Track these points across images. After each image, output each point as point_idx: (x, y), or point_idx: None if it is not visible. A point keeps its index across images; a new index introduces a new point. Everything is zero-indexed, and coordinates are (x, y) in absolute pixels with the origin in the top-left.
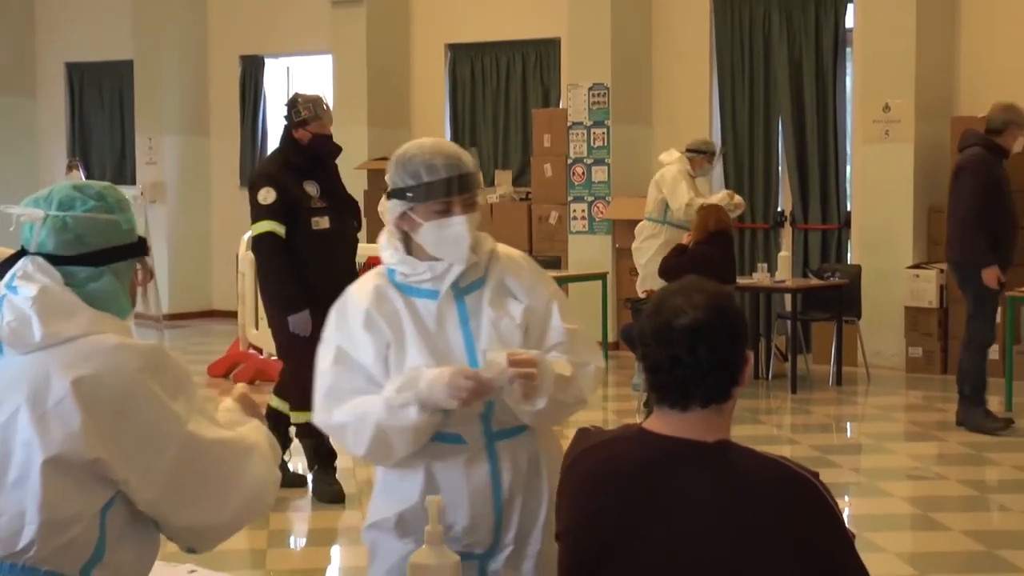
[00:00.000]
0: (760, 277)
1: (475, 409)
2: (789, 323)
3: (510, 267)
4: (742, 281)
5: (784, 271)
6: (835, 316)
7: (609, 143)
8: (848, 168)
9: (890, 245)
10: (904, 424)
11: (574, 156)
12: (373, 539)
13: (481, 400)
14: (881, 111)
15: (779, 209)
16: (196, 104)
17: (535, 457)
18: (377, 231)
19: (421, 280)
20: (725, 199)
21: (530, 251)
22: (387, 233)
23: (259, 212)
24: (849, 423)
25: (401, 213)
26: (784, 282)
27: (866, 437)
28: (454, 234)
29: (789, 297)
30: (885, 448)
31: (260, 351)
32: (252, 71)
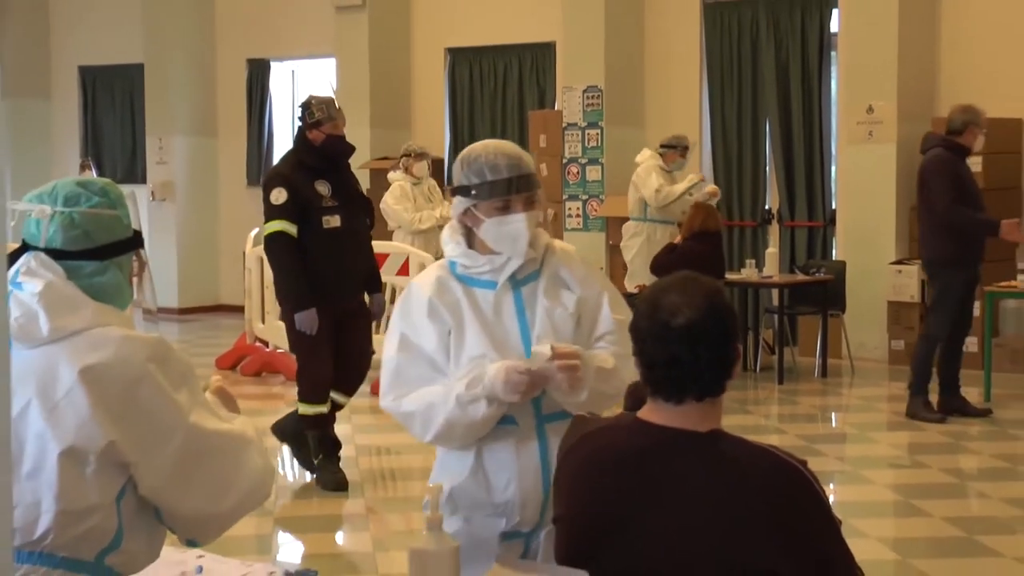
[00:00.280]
0: (748, 273)
1: (533, 396)
2: (776, 317)
3: (564, 260)
4: (731, 277)
5: (771, 267)
6: (820, 310)
7: (603, 143)
8: (833, 168)
9: (873, 242)
10: (887, 414)
11: (569, 156)
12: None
13: (536, 391)
14: (865, 113)
15: (766, 207)
16: (204, 106)
17: None
18: (380, 228)
19: (481, 272)
20: (694, 180)
21: None
22: (451, 228)
23: (271, 212)
24: (834, 413)
25: (465, 209)
26: (771, 278)
27: (850, 427)
28: (513, 231)
29: (776, 292)
30: (868, 437)
31: (266, 344)
32: (258, 74)
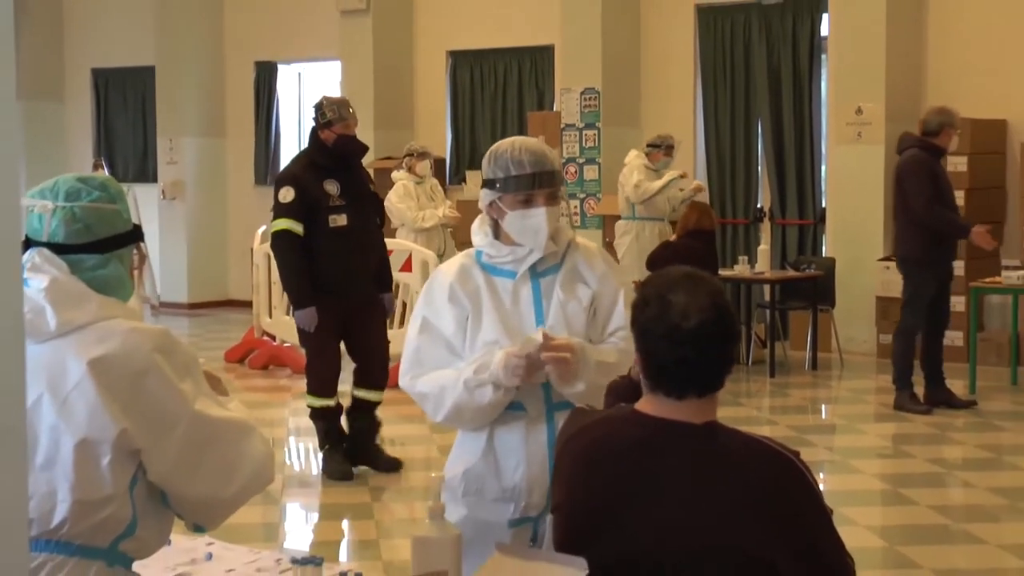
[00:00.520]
0: (741, 269)
1: (537, 381)
2: (768, 312)
3: (585, 256)
4: (724, 273)
5: (763, 263)
6: (811, 305)
7: (600, 144)
8: (823, 167)
9: (862, 239)
10: (875, 406)
11: (567, 156)
12: (446, 499)
13: (536, 374)
14: (854, 114)
15: (758, 205)
16: (213, 107)
17: None
18: (384, 226)
19: (504, 262)
20: (673, 175)
21: None
22: (480, 219)
23: (278, 210)
24: (824, 405)
25: (490, 202)
26: (763, 274)
27: (839, 418)
28: (534, 224)
29: (768, 288)
30: (857, 428)
31: (273, 338)
32: (266, 76)
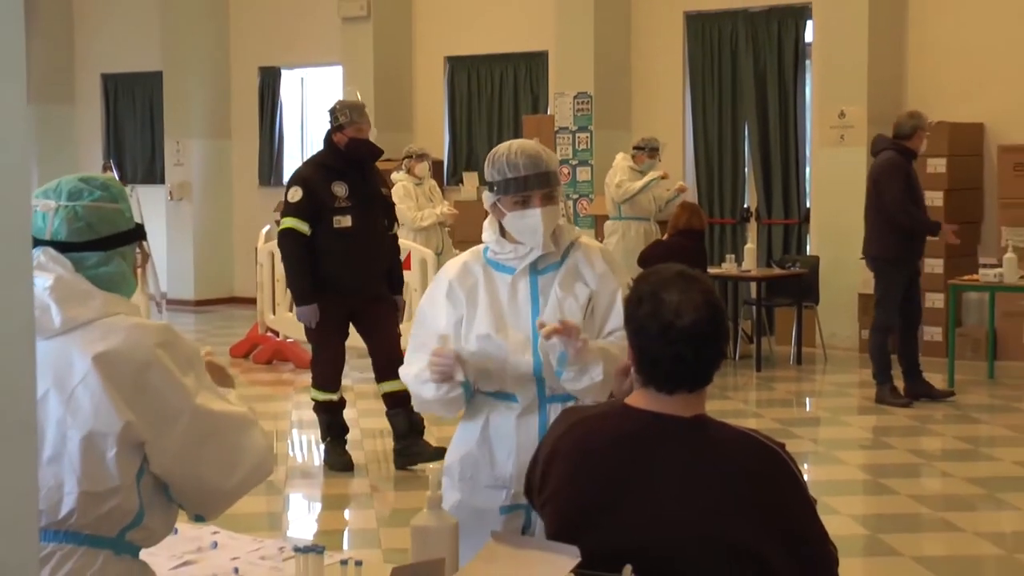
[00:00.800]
0: (728, 267)
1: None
2: (754, 308)
3: (586, 256)
4: (712, 271)
5: (750, 262)
6: (795, 302)
7: (592, 146)
8: (807, 169)
9: (845, 238)
10: (857, 399)
11: (561, 158)
12: (444, 484)
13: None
14: (837, 117)
15: (745, 206)
16: (219, 111)
17: None
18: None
19: (507, 258)
20: (654, 176)
21: None
22: (489, 218)
23: (286, 209)
24: (808, 398)
25: (492, 203)
26: (750, 271)
27: (823, 411)
28: (531, 224)
29: (754, 285)
30: (840, 421)
31: (277, 334)
32: (270, 81)
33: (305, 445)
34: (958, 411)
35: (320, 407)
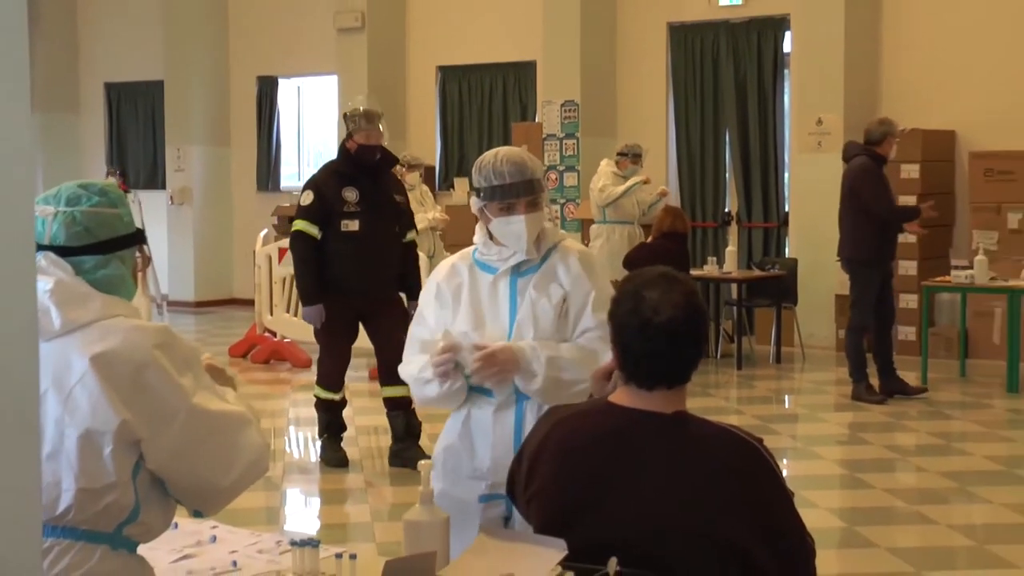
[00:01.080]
0: (710, 269)
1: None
2: (735, 309)
3: (564, 259)
4: (694, 272)
5: (731, 264)
6: (775, 303)
7: (579, 152)
8: (786, 174)
9: (823, 241)
10: (834, 396)
11: (548, 164)
12: (431, 475)
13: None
14: (814, 125)
15: (726, 210)
16: (219, 119)
17: None
18: None
19: (492, 260)
20: (636, 180)
21: None
22: (479, 222)
23: (298, 212)
24: (787, 395)
25: (479, 208)
26: (731, 273)
27: (802, 408)
28: (515, 229)
29: (735, 286)
30: (818, 417)
31: (274, 334)
32: (267, 90)
33: (302, 442)
34: (931, 408)
35: (321, 404)
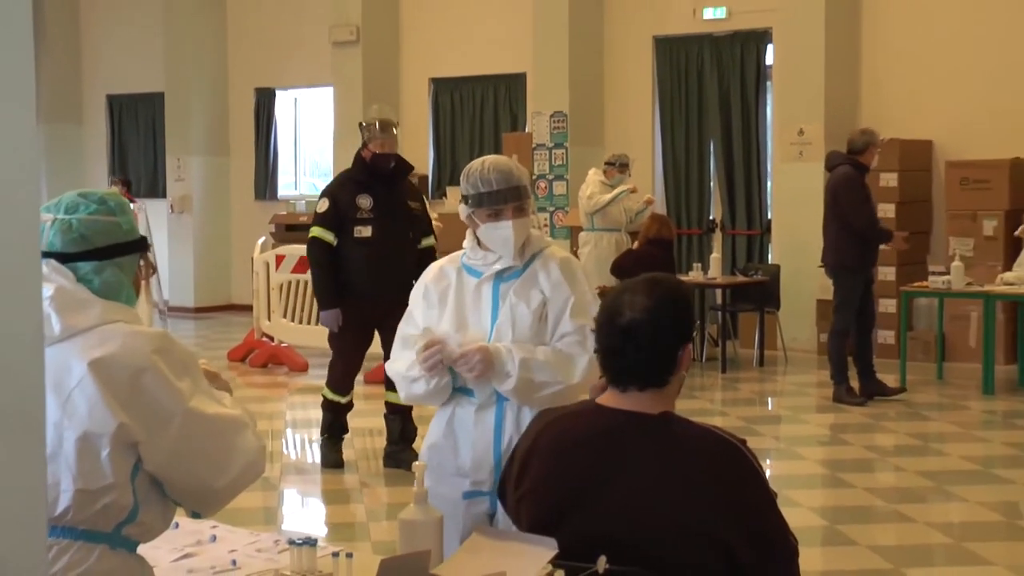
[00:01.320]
0: (695, 275)
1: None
2: (719, 314)
3: (545, 264)
4: (680, 278)
5: (715, 270)
6: (758, 308)
7: (567, 162)
8: (769, 183)
9: (804, 248)
10: (816, 398)
11: (538, 173)
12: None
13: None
14: (796, 135)
15: (711, 217)
16: (218, 129)
17: None
18: None
19: (477, 264)
20: (623, 189)
21: None
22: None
23: (314, 218)
24: (770, 398)
25: (467, 215)
26: (715, 279)
27: (784, 409)
28: (502, 235)
29: (719, 292)
30: (800, 419)
31: (272, 339)
32: (265, 101)
33: (299, 444)
34: (909, 409)
35: (327, 405)
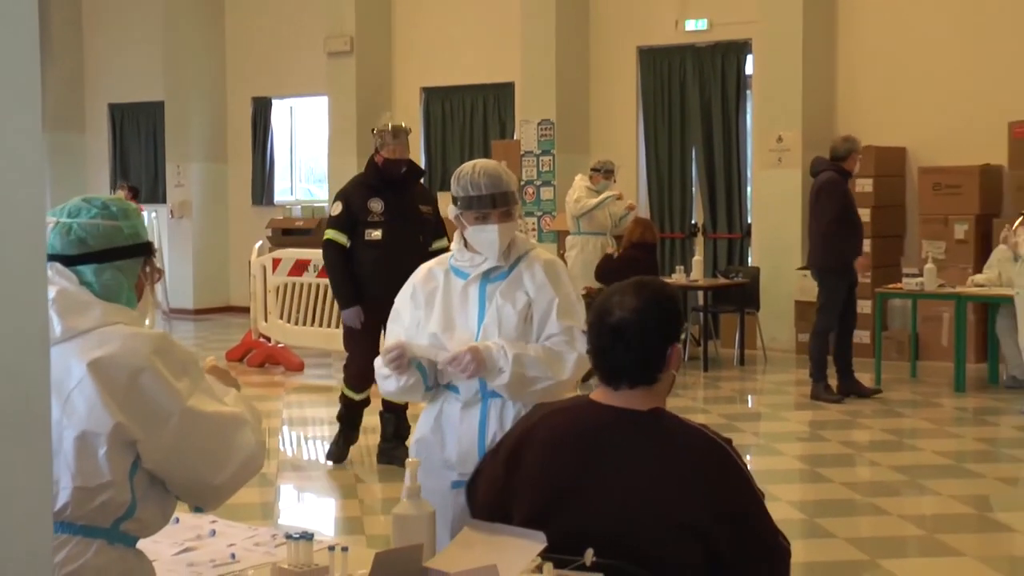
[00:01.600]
0: (678, 277)
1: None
2: (701, 315)
3: (531, 268)
4: (664, 280)
5: (697, 272)
6: (738, 309)
7: (555, 168)
8: (749, 188)
9: (783, 251)
10: (795, 396)
11: (526, 179)
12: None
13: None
14: (775, 142)
15: (693, 221)
16: (216, 137)
17: (520, 415)
18: None
19: (464, 265)
20: (608, 195)
21: None
22: (457, 230)
23: (328, 221)
24: (750, 396)
25: (455, 216)
26: (697, 281)
27: (764, 407)
28: (488, 238)
29: (701, 293)
30: (779, 416)
31: (268, 340)
32: (262, 110)
33: (295, 441)
34: (884, 406)
35: (344, 399)
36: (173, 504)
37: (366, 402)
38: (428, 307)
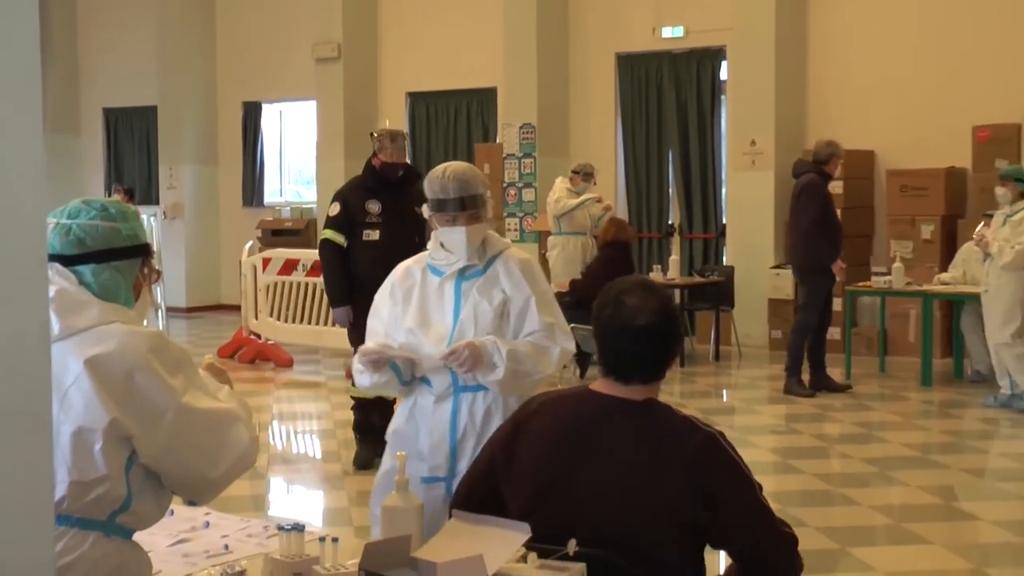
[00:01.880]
0: (655, 276)
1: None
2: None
3: (506, 266)
4: None
5: (674, 271)
6: (714, 306)
7: (536, 170)
8: (723, 190)
9: (756, 250)
10: (768, 390)
11: (508, 181)
12: (384, 456)
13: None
14: (749, 145)
15: (669, 222)
16: (207, 140)
17: (491, 410)
18: None
19: (439, 264)
20: (588, 196)
21: None
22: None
23: (326, 222)
24: (725, 390)
25: (429, 217)
26: (674, 280)
27: (738, 401)
28: (458, 239)
29: (678, 291)
30: (753, 409)
31: (259, 337)
32: (252, 114)
33: (285, 435)
34: (854, 400)
35: (355, 404)
36: (169, 498)
37: (376, 400)
38: (405, 303)
